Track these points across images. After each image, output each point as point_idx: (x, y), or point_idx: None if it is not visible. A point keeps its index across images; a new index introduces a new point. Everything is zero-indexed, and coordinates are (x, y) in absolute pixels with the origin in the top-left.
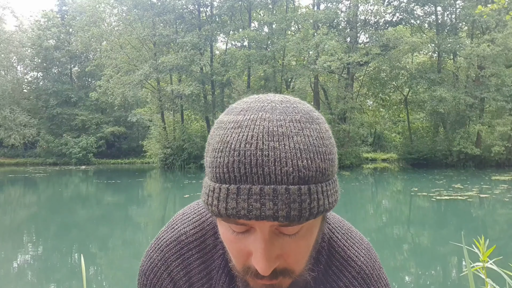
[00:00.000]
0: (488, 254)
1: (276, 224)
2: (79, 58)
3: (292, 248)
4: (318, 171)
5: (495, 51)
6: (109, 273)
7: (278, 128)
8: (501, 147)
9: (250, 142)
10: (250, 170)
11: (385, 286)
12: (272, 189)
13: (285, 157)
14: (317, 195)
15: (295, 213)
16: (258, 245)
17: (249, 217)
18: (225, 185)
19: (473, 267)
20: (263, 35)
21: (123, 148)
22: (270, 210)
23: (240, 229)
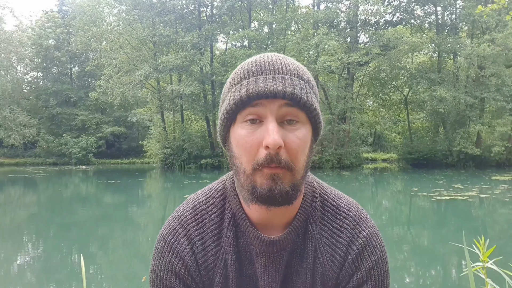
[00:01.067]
0: (488, 254)
1: (283, 103)
2: (79, 58)
3: (292, 138)
4: (310, 82)
5: (495, 51)
6: (109, 273)
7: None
8: (501, 147)
9: (263, 57)
10: (264, 67)
11: (373, 226)
12: (281, 76)
13: (288, 63)
14: (311, 92)
15: (297, 92)
16: (269, 125)
17: (266, 93)
18: (244, 80)
19: (473, 267)
20: (263, 35)
21: (123, 148)
22: (281, 87)
23: (254, 115)
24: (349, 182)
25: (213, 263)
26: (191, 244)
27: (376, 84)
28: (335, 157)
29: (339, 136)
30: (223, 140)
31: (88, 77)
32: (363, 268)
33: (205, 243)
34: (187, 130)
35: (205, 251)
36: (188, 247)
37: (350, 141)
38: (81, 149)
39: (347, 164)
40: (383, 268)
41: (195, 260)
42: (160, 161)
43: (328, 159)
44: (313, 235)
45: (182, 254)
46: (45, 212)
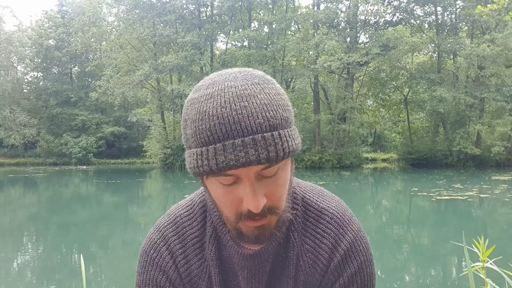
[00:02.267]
0: (488, 254)
1: (259, 168)
2: (79, 58)
3: (273, 187)
4: (283, 119)
5: (495, 51)
6: (109, 273)
7: (244, 91)
8: (501, 147)
9: (224, 106)
10: (230, 128)
11: (357, 228)
12: (251, 139)
13: (255, 112)
14: (286, 138)
15: (273, 154)
16: (247, 190)
17: (237, 166)
18: (211, 146)
19: (473, 267)
20: (263, 35)
21: (123, 148)
22: (254, 156)
23: (229, 181)
24: (349, 182)
25: (197, 276)
26: (174, 258)
27: (376, 84)
28: (335, 157)
29: (339, 136)
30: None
31: (88, 77)
32: (345, 274)
33: (188, 256)
34: None
35: (188, 264)
36: (170, 261)
37: (350, 141)
38: (81, 149)
39: (347, 164)
40: (367, 272)
41: (179, 274)
42: (160, 161)
43: (328, 159)
44: (295, 243)
45: (165, 268)
46: (45, 212)
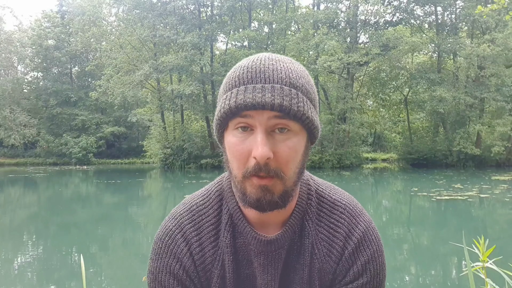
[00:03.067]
0: (488, 254)
1: (272, 115)
2: (79, 58)
3: (282, 147)
4: (304, 87)
5: (495, 51)
6: (109, 273)
7: (277, 57)
8: (501, 147)
9: (256, 61)
10: (255, 75)
11: (369, 219)
12: (271, 86)
13: (281, 69)
14: (303, 101)
15: (286, 104)
16: (257, 137)
17: (253, 105)
18: (235, 88)
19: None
20: (263, 35)
21: (123, 148)
22: (269, 99)
23: (243, 123)
24: (349, 182)
25: (210, 263)
26: (189, 245)
27: (376, 84)
28: (335, 157)
29: (339, 136)
30: (219, 141)
31: (88, 77)
32: (359, 262)
33: (203, 244)
34: (187, 130)
35: (203, 252)
36: (185, 248)
37: (350, 141)
38: (81, 149)
39: (347, 164)
40: (379, 261)
41: (193, 261)
42: (160, 161)
43: (328, 159)
44: (310, 232)
45: (179, 256)
46: (45, 212)
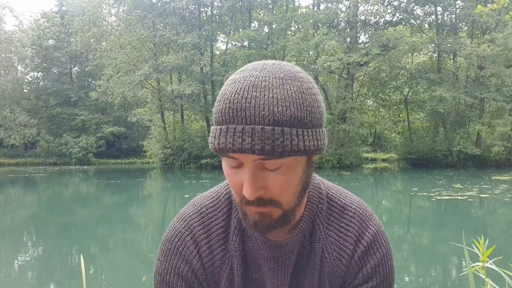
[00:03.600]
0: (488, 254)
1: (257, 158)
2: (79, 58)
3: (274, 181)
4: (293, 117)
5: (495, 51)
6: (109, 273)
7: (262, 83)
8: (501, 147)
9: (239, 93)
10: (236, 113)
11: (378, 223)
12: (251, 128)
13: (263, 104)
14: (291, 136)
15: (268, 148)
16: (245, 176)
17: (233, 150)
18: (219, 126)
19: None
20: (263, 35)
21: (123, 148)
22: (248, 144)
23: (233, 163)
24: (349, 182)
25: (219, 267)
26: (198, 247)
27: (376, 84)
28: (335, 157)
29: (339, 136)
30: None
31: (88, 77)
32: (368, 265)
33: (212, 246)
34: (187, 130)
35: (212, 255)
36: (194, 251)
37: (350, 141)
38: (81, 149)
39: (347, 164)
40: (388, 265)
41: (202, 264)
42: (160, 161)
43: (328, 159)
44: (320, 236)
45: (188, 258)
46: (45, 212)
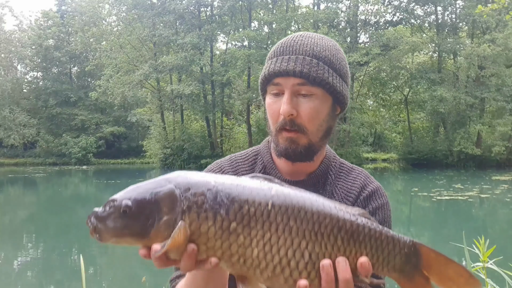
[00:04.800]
0: (488, 254)
1: (295, 83)
2: (79, 58)
3: (305, 107)
4: (327, 58)
5: (496, 51)
6: (109, 274)
7: (309, 35)
8: (501, 147)
9: (291, 38)
10: (285, 49)
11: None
12: (295, 57)
13: (306, 44)
14: (323, 70)
15: (306, 71)
16: (284, 98)
17: (280, 72)
18: (271, 59)
19: (473, 267)
20: (263, 35)
21: (123, 148)
22: (292, 67)
23: (275, 90)
24: None
25: None
26: None
27: (376, 84)
28: None
29: (339, 136)
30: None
31: (88, 77)
32: (370, 206)
33: None
34: (187, 130)
35: None
36: None
37: (350, 141)
38: (80, 149)
39: None
40: (387, 213)
41: None
42: (160, 161)
43: None
44: (331, 182)
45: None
46: (45, 212)
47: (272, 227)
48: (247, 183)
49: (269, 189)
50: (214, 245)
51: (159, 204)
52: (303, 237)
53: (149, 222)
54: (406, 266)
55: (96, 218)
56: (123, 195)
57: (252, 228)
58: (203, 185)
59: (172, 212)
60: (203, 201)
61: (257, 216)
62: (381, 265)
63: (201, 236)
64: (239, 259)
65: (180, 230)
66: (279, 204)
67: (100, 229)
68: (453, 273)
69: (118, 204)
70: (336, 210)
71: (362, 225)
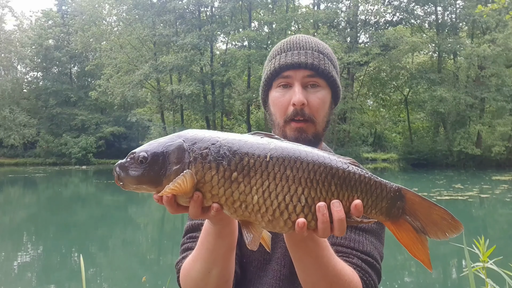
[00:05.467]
0: (488, 254)
1: (305, 75)
2: (79, 58)
3: (314, 97)
4: (329, 55)
5: (496, 51)
6: (109, 273)
7: (307, 36)
8: (501, 147)
9: (293, 37)
10: (292, 45)
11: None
12: (304, 51)
13: (311, 41)
14: (329, 63)
15: (316, 63)
16: (295, 88)
17: (292, 64)
18: (278, 55)
19: (473, 267)
20: (263, 35)
21: (123, 148)
22: (304, 59)
23: (284, 81)
24: None
25: None
26: None
27: (376, 84)
28: None
29: (339, 136)
30: (263, 103)
31: (88, 77)
32: None
33: None
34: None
35: None
36: None
37: (350, 141)
38: (80, 149)
39: None
40: None
41: None
42: None
43: None
44: None
45: None
46: (45, 212)
47: (270, 176)
48: (248, 138)
49: (268, 143)
50: (218, 192)
51: (170, 156)
52: (299, 184)
53: (161, 171)
54: (392, 209)
55: (119, 167)
56: (142, 148)
57: (252, 177)
58: (208, 140)
59: (180, 163)
60: (207, 153)
61: (256, 166)
62: (370, 208)
63: (206, 184)
64: (241, 205)
65: (185, 177)
66: (276, 156)
67: (122, 177)
68: (437, 216)
69: (137, 155)
70: (329, 160)
71: (353, 172)
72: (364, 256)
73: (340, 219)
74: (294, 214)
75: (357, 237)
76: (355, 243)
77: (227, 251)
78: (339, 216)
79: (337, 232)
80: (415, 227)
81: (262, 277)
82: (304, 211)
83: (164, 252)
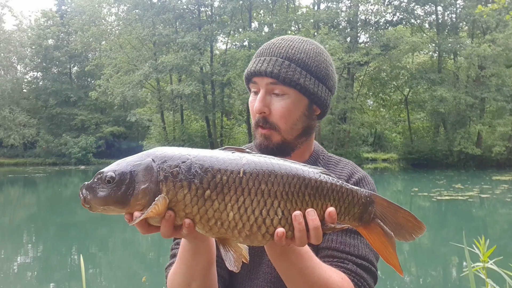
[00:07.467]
0: (489, 254)
1: (269, 82)
2: (79, 58)
3: (277, 105)
4: (301, 60)
5: (496, 51)
6: (109, 274)
7: (289, 38)
8: (501, 147)
9: (272, 41)
10: (264, 51)
11: (367, 175)
12: (270, 58)
13: (283, 47)
14: (295, 71)
15: (276, 72)
16: (258, 95)
17: (255, 72)
18: (252, 61)
19: (473, 267)
20: (263, 35)
21: (123, 148)
22: (264, 67)
23: (254, 88)
24: None
25: None
26: None
27: (376, 84)
28: None
29: (340, 136)
30: None
31: (88, 77)
32: None
33: None
34: (187, 130)
35: None
36: None
37: (351, 141)
38: (80, 149)
39: None
40: None
41: None
42: None
43: None
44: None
45: None
46: (45, 212)
47: (245, 192)
48: (219, 154)
49: (240, 158)
50: (191, 211)
51: (138, 175)
52: (275, 197)
53: (129, 190)
54: (364, 215)
55: (86, 188)
56: (109, 168)
57: (226, 194)
58: (178, 158)
59: (148, 182)
60: (177, 172)
61: (229, 183)
62: (343, 214)
63: (178, 203)
64: (216, 222)
65: (157, 205)
66: (250, 171)
67: (89, 199)
68: (402, 219)
69: (104, 175)
70: (302, 171)
71: (325, 181)
72: (359, 261)
73: (315, 227)
74: (271, 228)
75: (352, 241)
76: (350, 247)
77: (205, 266)
78: (315, 224)
79: (313, 240)
80: (385, 230)
81: (253, 280)
82: (281, 223)
83: (164, 252)
